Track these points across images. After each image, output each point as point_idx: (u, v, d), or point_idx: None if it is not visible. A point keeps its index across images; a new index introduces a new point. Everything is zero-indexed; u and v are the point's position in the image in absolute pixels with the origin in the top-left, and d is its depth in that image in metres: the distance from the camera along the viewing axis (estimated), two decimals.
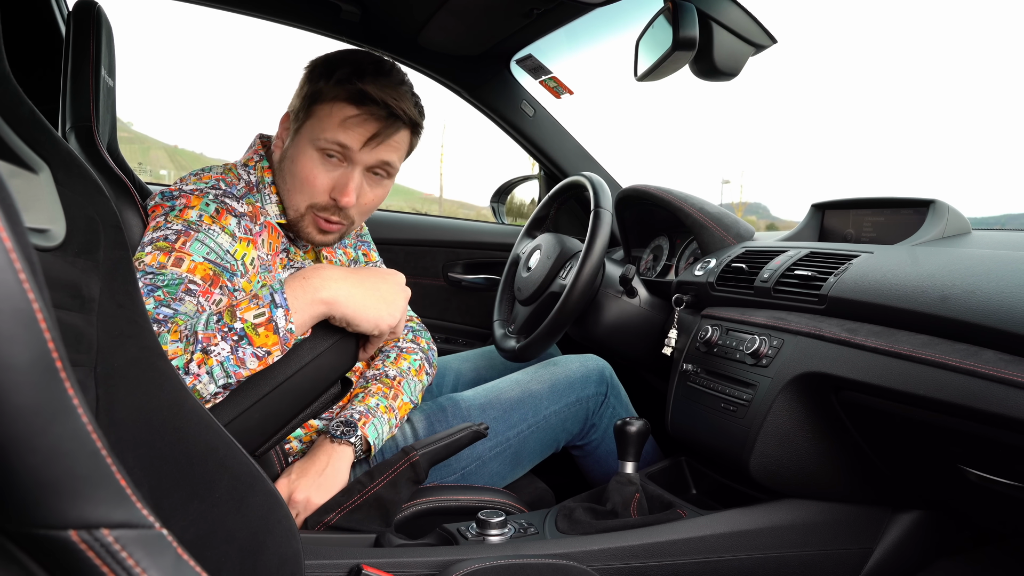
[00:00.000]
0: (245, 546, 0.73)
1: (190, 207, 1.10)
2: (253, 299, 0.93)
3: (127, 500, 0.37)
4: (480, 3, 1.56)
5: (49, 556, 0.35)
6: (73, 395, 0.34)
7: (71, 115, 1.18)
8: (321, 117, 1.15)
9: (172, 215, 1.08)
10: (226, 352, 0.88)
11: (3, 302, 0.31)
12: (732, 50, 1.22)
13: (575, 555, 1.08)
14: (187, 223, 1.08)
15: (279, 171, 1.22)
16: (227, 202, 1.12)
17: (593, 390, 1.48)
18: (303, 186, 1.18)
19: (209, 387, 0.88)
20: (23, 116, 0.69)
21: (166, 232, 1.06)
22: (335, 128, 1.14)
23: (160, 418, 0.71)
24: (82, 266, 0.69)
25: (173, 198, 1.11)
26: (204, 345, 0.88)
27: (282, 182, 1.21)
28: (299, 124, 1.18)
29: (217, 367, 0.88)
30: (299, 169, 1.17)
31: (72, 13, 1.20)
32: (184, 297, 1.01)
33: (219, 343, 0.89)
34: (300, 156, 1.17)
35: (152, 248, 1.04)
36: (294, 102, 1.21)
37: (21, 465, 0.33)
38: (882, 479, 1.20)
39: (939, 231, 1.27)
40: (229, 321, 0.90)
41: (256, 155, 1.25)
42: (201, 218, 1.09)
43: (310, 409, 1.01)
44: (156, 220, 1.09)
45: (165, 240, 1.05)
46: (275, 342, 0.90)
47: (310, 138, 1.16)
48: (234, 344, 0.89)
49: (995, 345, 0.91)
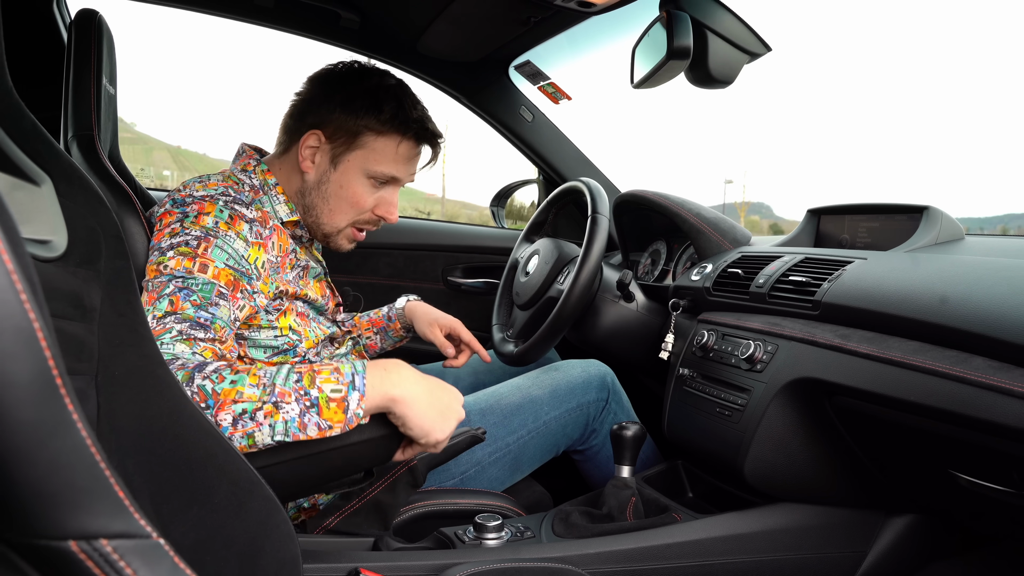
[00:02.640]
0: (244, 551, 0.74)
1: (205, 213, 1.10)
2: (334, 372, 0.94)
3: (125, 511, 0.38)
4: (478, 10, 1.57)
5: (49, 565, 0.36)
6: (72, 410, 0.35)
7: (73, 124, 1.19)
8: (375, 150, 1.23)
9: (188, 221, 1.08)
10: (294, 413, 0.90)
11: (5, 320, 0.32)
12: (727, 58, 1.23)
13: (571, 559, 1.09)
14: (205, 229, 1.08)
15: (315, 191, 1.26)
16: (237, 208, 1.13)
17: (594, 396, 1.49)
18: (351, 208, 1.26)
19: (265, 439, 0.90)
20: (25, 128, 0.70)
21: (186, 238, 1.06)
22: (392, 163, 1.25)
23: (160, 425, 0.72)
24: (83, 276, 0.70)
25: (185, 204, 1.11)
26: (277, 400, 0.90)
27: (322, 202, 1.26)
28: (341, 151, 1.23)
29: (280, 423, 0.89)
30: (349, 195, 1.25)
31: (74, 22, 1.21)
32: (219, 302, 1.04)
33: (292, 403, 0.90)
34: (351, 184, 1.25)
35: (175, 253, 1.05)
36: (329, 128, 1.22)
37: (22, 477, 0.34)
38: (875, 483, 1.21)
39: (932, 237, 1.29)
40: (307, 385, 0.91)
41: (252, 160, 1.26)
42: (217, 224, 1.09)
43: (330, 484, 1.05)
44: (171, 226, 1.08)
45: (187, 246, 1.06)
46: (340, 420, 0.91)
47: (362, 168, 1.24)
48: (304, 409, 0.90)
49: (985, 352, 0.92)
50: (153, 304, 1.00)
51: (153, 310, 1.00)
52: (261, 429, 0.89)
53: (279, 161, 1.28)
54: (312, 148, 1.23)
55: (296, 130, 1.25)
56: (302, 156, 1.23)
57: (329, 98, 1.23)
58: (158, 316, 0.99)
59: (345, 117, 1.22)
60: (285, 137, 1.28)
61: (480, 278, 2.28)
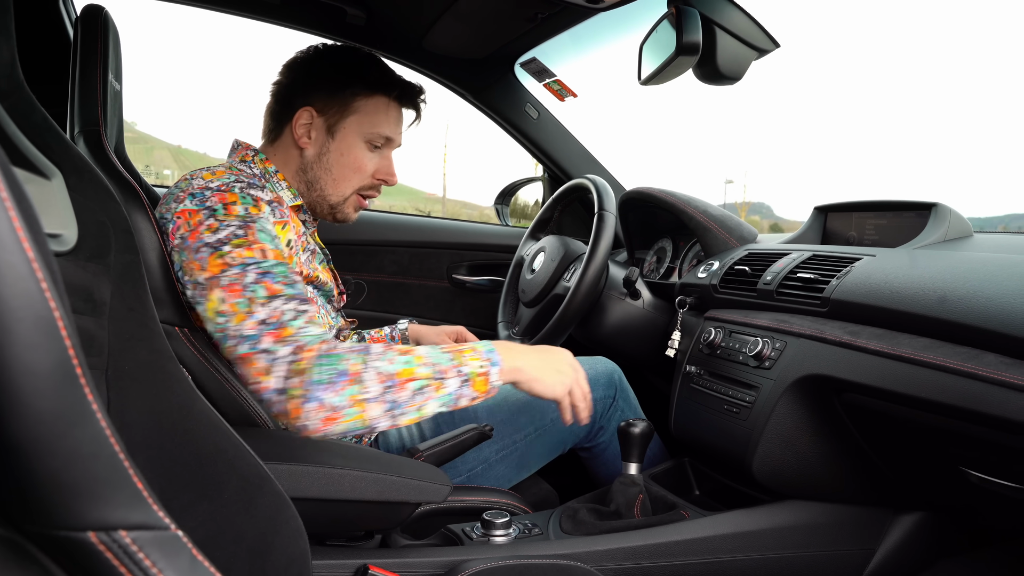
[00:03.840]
0: (253, 546, 0.74)
1: (231, 203, 1.09)
2: (474, 352, 1.08)
3: (144, 502, 0.38)
4: (485, 7, 1.57)
5: (68, 557, 0.36)
6: (92, 400, 0.35)
7: (80, 119, 1.18)
8: (368, 112, 1.27)
9: (220, 214, 1.07)
10: (454, 387, 1.03)
11: (25, 310, 0.32)
12: (735, 54, 1.22)
13: (579, 555, 1.09)
14: (240, 217, 1.08)
15: (317, 163, 1.28)
16: (254, 192, 1.13)
17: (602, 393, 1.49)
18: (354, 174, 1.30)
19: (433, 409, 1.03)
20: (36, 122, 0.70)
21: (231, 229, 1.06)
22: (385, 123, 1.29)
23: (170, 420, 0.72)
24: (93, 270, 0.70)
25: (205, 198, 1.09)
26: (442, 376, 1.03)
27: (325, 173, 1.28)
28: (336, 120, 1.26)
29: (444, 395, 1.03)
30: (351, 161, 1.28)
31: (80, 18, 1.20)
32: (294, 279, 1.06)
33: (451, 378, 1.03)
34: (351, 149, 1.28)
35: (231, 246, 1.04)
36: (319, 102, 1.26)
37: (42, 468, 0.34)
38: (884, 480, 1.21)
39: (941, 234, 1.28)
40: (459, 364, 1.05)
41: (249, 151, 1.28)
42: (248, 211, 1.09)
43: (329, 537, 1.10)
44: (206, 222, 1.06)
45: (236, 237, 1.05)
46: (484, 391, 1.06)
47: (358, 132, 1.27)
48: (461, 383, 1.04)
49: (996, 348, 0.91)
50: (242, 295, 1.01)
51: (250, 300, 1.01)
52: (428, 404, 1.02)
53: (272, 148, 1.30)
54: (306, 124, 1.26)
55: (284, 114, 1.27)
56: (297, 134, 1.26)
57: (312, 75, 1.27)
58: (262, 303, 1.01)
59: (332, 87, 1.26)
60: (274, 123, 1.30)
61: (485, 276, 2.28)
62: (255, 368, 0.98)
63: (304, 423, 0.96)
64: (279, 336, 0.99)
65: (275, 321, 1.00)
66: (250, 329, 0.99)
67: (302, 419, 0.95)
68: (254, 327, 0.99)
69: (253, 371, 0.98)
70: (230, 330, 1.00)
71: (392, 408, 1.00)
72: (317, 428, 0.96)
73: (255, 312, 1.00)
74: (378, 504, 1.03)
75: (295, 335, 0.99)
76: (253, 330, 0.99)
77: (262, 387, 0.97)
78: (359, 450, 1.09)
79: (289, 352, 0.98)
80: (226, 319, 1.01)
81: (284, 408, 0.96)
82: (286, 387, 0.96)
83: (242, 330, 1.00)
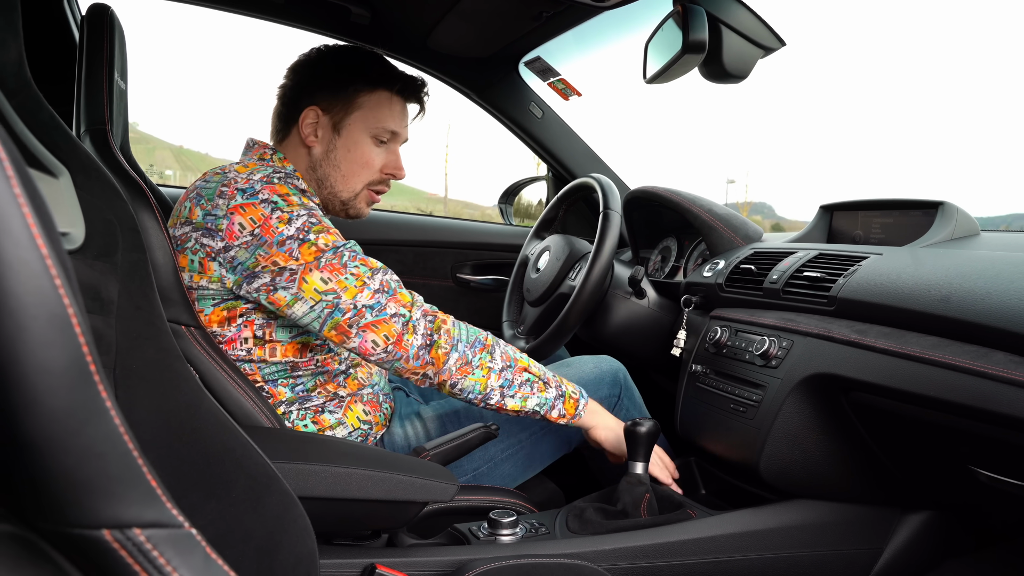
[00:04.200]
0: (261, 545, 0.74)
1: (285, 194, 1.13)
2: (567, 382, 1.28)
3: (157, 500, 0.37)
4: (489, 6, 1.57)
5: (83, 555, 0.36)
6: (106, 397, 0.35)
7: (86, 118, 1.18)
8: (371, 107, 1.29)
9: (283, 205, 1.11)
10: (552, 395, 1.23)
11: (40, 307, 0.32)
12: (741, 53, 1.22)
13: (586, 555, 1.09)
14: (303, 206, 1.14)
15: (325, 161, 1.30)
16: (291, 182, 1.20)
17: (607, 392, 1.48)
18: (362, 170, 1.32)
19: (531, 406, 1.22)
20: (43, 121, 0.70)
21: (303, 218, 1.12)
22: (389, 117, 1.31)
23: (178, 419, 0.72)
24: (101, 268, 0.70)
25: (257, 191, 1.12)
26: (548, 381, 1.24)
27: (334, 170, 1.31)
28: (341, 117, 1.28)
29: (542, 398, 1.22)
30: (358, 156, 1.31)
31: (85, 17, 1.20)
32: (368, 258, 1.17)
33: (553, 388, 1.24)
34: (357, 145, 1.30)
35: (314, 232, 1.11)
36: (324, 100, 1.28)
37: (56, 466, 0.33)
38: (892, 480, 1.20)
39: (948, 233, 1.28)
40: (560, 381, 1.25)
41: (267, 149, 1.29)
42: (302, 200, 1.15)
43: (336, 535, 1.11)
44: (276, 215, 1.10)
45: (313, 224, 1.12)
46: (570, 414, 1.26)
47: (364, 128, 1.30)
48: (558, 395, 1.24)
49: (1005, 347, 0.91)
50: (345, 273, 1.11)
51: (356, 276, 1.12)
52: (531, 398, 1.20)
53: (280, 148, 1.31)
54: (312, 123, 1.28)
55: (290, 115, 1.29)
56: (304, 133, 1.28)
57: (315, 75, 1.29)
58: (369, 276, 1.13)
59: (336, 85, 1.28)
60: (281, 124, 1.31)
61: (489, 275, 2.28)
62: (392, 330, 1.12)
63: (444, 367, 1.14)
64: (401, 301, 1.13)
65: (389, 290, 1.13)
66: (369, 299, 1.11)
67: (445, 365, 1.14)
68: (372, 297, 1.11)
69: (388, 334, 1.11)
70: (343, 304, 1.10)
71: (505, 386, 1.18)
72: (450, 375, 1.15)
73: (368, 285, 1.11)
74: (385, 503, 1.03)
75: (413, 300, 1.16)
76: (372, 299, 1.11)
77: (408, 344, 1.12)
78: (366, 449, 1.09)
79: (421, 314, 1.15)
80: (335, 295, 1.10)
81: (427, 358, 1.14)
82: (434, 341, 1.14)
83: (359, 301, 1.10)
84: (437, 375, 1.15)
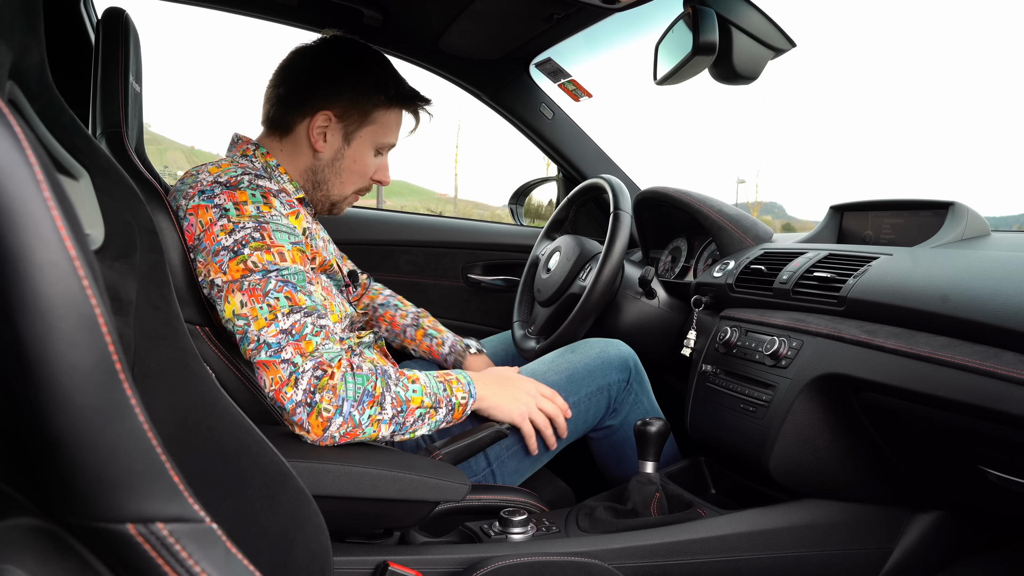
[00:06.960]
0: (276, 542, 0.75)
1: (242, 202, 1.10)
2: (459, 382, 1.21)
3: (180, 495, 0.38)
4: (501, 8, 1.57)
5: (107, 548, 0.37)
6: (131, 395, 0.36)
7: (102, 121, 1.20)
8: (385, 124, 1.33)
9: (233, 214, 1.09)
10: (443, 415, 1.17)
11: (68, 308, 0.33)
12: (751, 54, 1.22)
13: (597, 553, 1.10)
14: (253, 218, 1.10)
15: (329, 167, 1.32)
16: (262, 184, 1.15)
17: (616, 376, 1.43)
18: (359, 178, 1.35)
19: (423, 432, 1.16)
20: (64, 124, 0.71)
21: (246, 231, 1.08)
22: (395, 134, 1.36)
23: (195, 417, 0.73)
24: (120, 269, 0.71)
25: (214, 195, 1.11)
26: (436, 405, 1.15)
27: (334, 176, 1.33)
28: (353, 128, 1.30)
29: (434, 422, 1.16)
30: (360, 167, 1.34)
31: (101, 21, 1.22)
32: (311, 288, 1.10)
33: (443, 407, 1.16)
34: (363, 157, 1.34)
35: (250, 249, 1.07)
36: (339, 108, 1.28)
37: (83, 461, 0.35)
38: (901, 479, 1.20)
39: (959, 233, 1.28)
40: (450, 394, 1.18)
41: (249, 145, 1.29)
42: (260, 210, 1.11)
43: (350, 534, 1.12)
44: (219, 223, 1.08)
45: (253, 240, 1.08)
46: (458, 420, 1.20)
47: (372, 142, 1.33)
48: (448, 411, 1.17)
49: (1015, 347, 0.91)
50: (263, 302, 1.05)
51: (272, 308, 1.05)
52: (421, 429, 1.14)
53: (279, 144, 1.30)
54: (323, 128, 1.28)
55: (298, 111, 1.28)
56: (313, 136, 1.28)
57: (335, 82, 1.28)
58: (285, 312, 1.05)
59: (355, 97, 1.28)
60: (283, 116, 1.29)
61: (500, 275, 2.28)
62: (277, 376, 1.02)
63: (325, 434, 1.02)
64: (301, 349, 1.03)
65: (296, 333, 1.04)
66: (272, 337, 1.03)
67: (327, 431, 1.03)
68: (276, 335, 1.03)
69: (273, 379, 1.02)
70: (250, 333, 1.04)
71: (397, 430, 1.10)
72: (333, 441, 1.04)
73: (277, 321, 1.04)
74: (398, 502, 1.04)
75: (316, 351, 1.04)
76: (275, 338, 1.03)
77: (286, 396, 1.02)
78: (378, 449, 1.10)
79: (312, 367, 1.03)
80: (246, 322, 1.04)
81: (306, 419, 1.01)
82: (315, 401, 1.01)
83: (263, 336, 1.03)
84: (316, 441, 1.03)
